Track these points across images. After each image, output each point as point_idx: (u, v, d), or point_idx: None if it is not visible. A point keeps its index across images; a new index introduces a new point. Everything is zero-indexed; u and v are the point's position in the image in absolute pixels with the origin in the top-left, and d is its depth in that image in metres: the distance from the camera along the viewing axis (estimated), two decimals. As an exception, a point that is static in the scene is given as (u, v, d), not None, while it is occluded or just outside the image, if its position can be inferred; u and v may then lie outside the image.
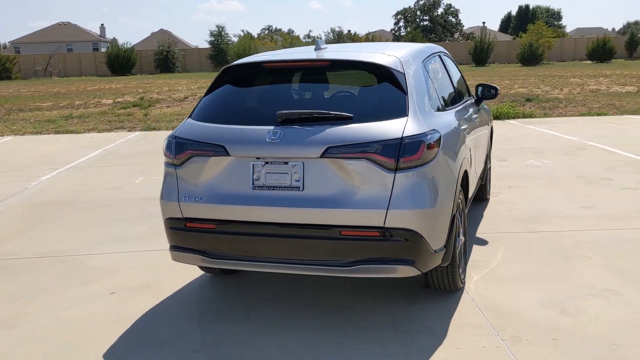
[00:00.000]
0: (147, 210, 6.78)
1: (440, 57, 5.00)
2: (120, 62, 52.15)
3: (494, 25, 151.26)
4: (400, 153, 3.40)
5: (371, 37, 63.82)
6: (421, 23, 78.05)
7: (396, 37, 76.77)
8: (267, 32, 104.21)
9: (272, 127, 3.60)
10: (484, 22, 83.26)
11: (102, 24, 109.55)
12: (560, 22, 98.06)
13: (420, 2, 79.02)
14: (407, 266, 3.45)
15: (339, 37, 58.96)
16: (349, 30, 66.06)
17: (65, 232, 6.08)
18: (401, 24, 79.94)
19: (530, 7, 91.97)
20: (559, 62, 57.11)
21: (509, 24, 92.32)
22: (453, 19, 78.50)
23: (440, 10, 79.28)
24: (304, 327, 3.76)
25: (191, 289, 4.48)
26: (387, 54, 3.94)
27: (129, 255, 5.30)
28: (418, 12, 79.42)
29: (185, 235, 3.83)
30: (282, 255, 3.62)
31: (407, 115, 3.55)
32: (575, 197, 6.69)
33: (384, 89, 3.75)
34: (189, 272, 4.76)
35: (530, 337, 3.48)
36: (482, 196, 6.45)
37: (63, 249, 5.54)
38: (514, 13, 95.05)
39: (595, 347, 3.35)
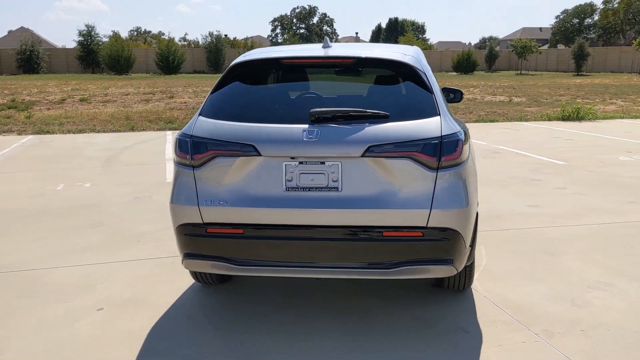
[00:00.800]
0: (89, 218, 6.22)
1: None
2: (-23, 61, 47.70)
3: (365, 36, 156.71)
4: (441, 152, 3.38)
5: (250, 43, 63.55)
6: (298, 30, 79.09)
7: (274, 44, 77.13)
8: (136, 33, 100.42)
9: (306, 126, 3.43)
10: (356, 33, 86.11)
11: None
12: (424, 36, 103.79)
13: (297, 10, 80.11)
14: (447, 266, 3.43)
15: (217, 41, 57.98)
16: (226, 35, 65.32)
17: (7, 245, 5.40)
18: (278, 30, 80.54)
19: (399, 20, 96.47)
20: (429, 73, 60.34)
21: (379, 35, 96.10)
22: (328, 28, 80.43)
23: (315, 19, 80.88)
24: (327, 333, 3.61)
25: (189, 301, 4.15)
26: (403, 53, 3.91)
27: (96, 267, 4.81)
28: (294, 20, 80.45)
29: (206, 241, 3.54)
30: (318, 260, 3.45)
31: (439, 114, 3.54)
32: (520, 196, 7.06)
33: (409, 88, 3.71)
34: (176, 283, 4.43)
35: (561, 330, 3.60)
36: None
37: (13, 262, 4.92)
38: (383, 25, 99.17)
39: (622, 335, 3.53)
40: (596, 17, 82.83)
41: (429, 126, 3.44)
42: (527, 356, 3.30)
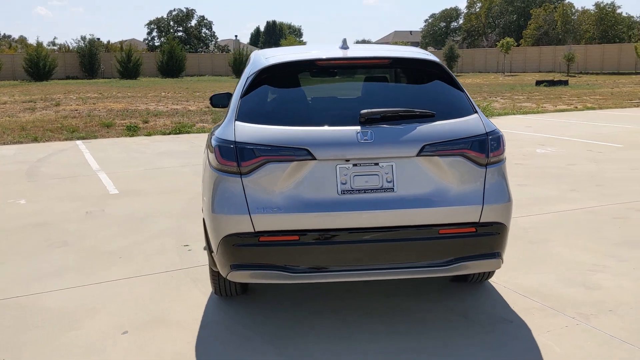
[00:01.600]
0: (47, 237, 5.72)
1: None
2: None
3: (245, 38, 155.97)
4: (489, 148, 3.49)
5: (128, 46, 60.80)
6: (176, 34, 77.08)
7: (150, 47, 74.64)
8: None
9: (358, 127, 3.40)
10: (236, 36, 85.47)
11: None
12: (301, 39, 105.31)
13: (174, 13, 78.05)
14: (496, 259, 3.54)
15: (91, 45, 54.96)
16: (99, 38, 62.09)
17: (-31, 272, 4.82)
18: (154, 33, 78.00)
19: (277, 23, 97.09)
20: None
21: (258, 38, 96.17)
22: (207, 31, 79.14)
23: (193, 22, 79.27)
24: (371, 335, 3.60)
25: (218, 315, 3.94)
26: (425, 53, 3.98)
27: (87, 290, 4.44)
28: (171, 23, 78.32)
29: (258, 251, 3.39)
30: (375, 262, 3.42)
31: (476, 112, 3.65)
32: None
33: (441, 87, 3.76)
34: (191, 299, 4.20)
35: (592, 312, 3.83)
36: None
37: (-9, 291, 4.40)
38: (262, 28, 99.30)
39: (645, 311, 3.84)
40: (461, 21, 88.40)
41: (472, 124, 3.54)
42: (578, 339, 3.49)
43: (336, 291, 4.25)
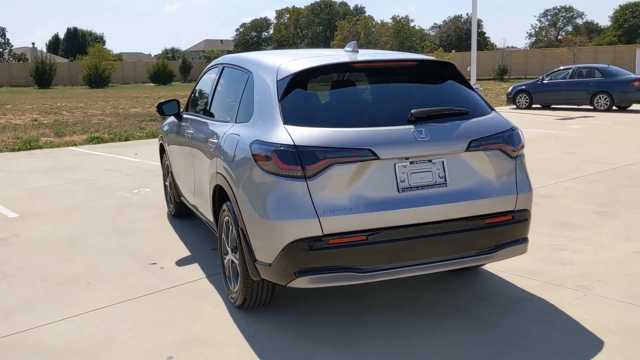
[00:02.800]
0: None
1: None
2: None
3: (42, 46, 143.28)
4: (516, 142, 3.81)
5: None
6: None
7: None
8: None
9: (411, 126, 3.51)
10: (33, 43, 78.61)
11: None
12: (105, 47, 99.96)
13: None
14: (525, 243, 3.87)
15: None
16: None
17: None
18: None
19: (79, 30, 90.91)
20: (124, 85, 58.67)
21: (58, 45, 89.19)
22: (1, 39, 71.62)
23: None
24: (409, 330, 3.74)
25: (260, 328, 3.75)
26: (438, 56, 4.20)
27: (83, 321, 3.95)
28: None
29: (327, 254, 3.34)
30: (435, 255, 3.55)
31: (493, 110, 3.96)
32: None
33: (459, 87, 3.97)
34: (216, 315, 3.97)
35: (586, 283, 4.33)
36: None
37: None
38: (62, 35, 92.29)
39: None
40: (271, 31, 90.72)
41: (499, 120, 3.84)
42: (596, 306, 3.93)
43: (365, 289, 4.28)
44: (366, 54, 4.20)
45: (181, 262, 5.05)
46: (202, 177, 4.66)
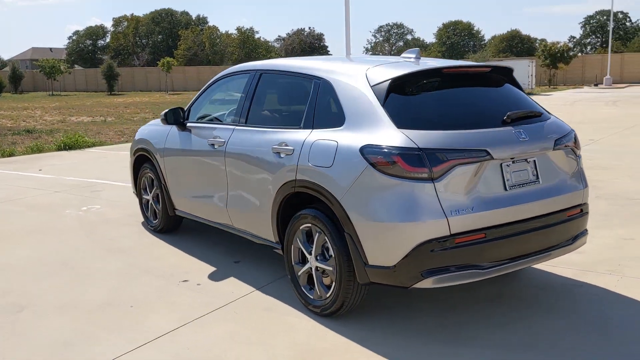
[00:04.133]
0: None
1: None
2: None
3: None
4: (577, 142, 4.18)
5: None
6: None
7: None
8: None
9: (511, 128, 3.72)
10: None
11: None
12: None
13: None
14: (587, 234, 4.24)
15: None
16: None
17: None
18: None
19: None
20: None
21: None
22: None
23: None
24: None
25: (366, 331, 3.69)
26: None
27: (161, 347, 3.63)
28: None
29: (453, 253, 3.46)
30: (537, 248, 3.79)
31: (549, 113, 4.30)
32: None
33: (517, 91, 4.25)
34: (297, 328, 3.83)
35: (613, 268, 4.80)
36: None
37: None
38: None
39: None
40: (108, 39, 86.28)
41: (561, 122, 4.20)
42: (633, 287, 4.41)
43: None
44: (440, 62, 4.34)
45: (214, 277, 4.77)
46: (250, 188, 4.46)
